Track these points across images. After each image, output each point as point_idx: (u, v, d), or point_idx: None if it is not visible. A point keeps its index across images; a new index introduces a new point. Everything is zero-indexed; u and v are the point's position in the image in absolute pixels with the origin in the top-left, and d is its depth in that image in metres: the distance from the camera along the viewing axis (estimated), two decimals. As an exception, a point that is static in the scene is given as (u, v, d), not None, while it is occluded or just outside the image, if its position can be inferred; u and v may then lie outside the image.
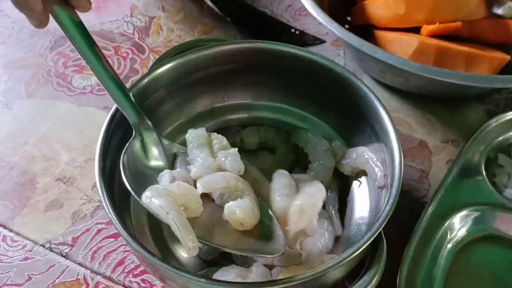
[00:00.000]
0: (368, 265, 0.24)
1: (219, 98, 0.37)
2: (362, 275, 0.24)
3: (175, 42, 0.45)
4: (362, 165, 0.33)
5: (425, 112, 0.40)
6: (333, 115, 0.35)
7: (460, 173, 0.34)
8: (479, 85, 0.34)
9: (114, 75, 0.29)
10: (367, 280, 0.23)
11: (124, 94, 0.29)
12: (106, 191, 0.27)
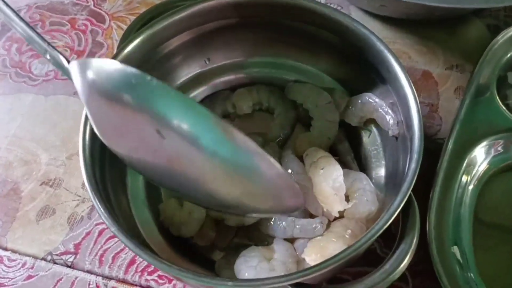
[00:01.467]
0: (401, 231, 0.23)
1: (200, 62, 0.33)
2: (398, 245, 0.22)
3: (136, 3, 0.40)
4: (371, 113, 0.30)
5: (423, 39, 0.37)
6: (329, 62, 0.32)
7: (472, 103, 0.31)
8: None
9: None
10: (405, 248, 0.22)
11: None
12: (98, 192, 0.24)
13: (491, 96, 0.32)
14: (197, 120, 0.21)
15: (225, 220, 0.28)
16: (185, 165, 0.23)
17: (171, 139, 0.21)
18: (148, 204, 0.29)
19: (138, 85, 0.21)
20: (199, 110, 0.21)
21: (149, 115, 0.21)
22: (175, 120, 0.21)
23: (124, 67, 0.21)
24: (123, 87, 0.21)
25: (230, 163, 0.22)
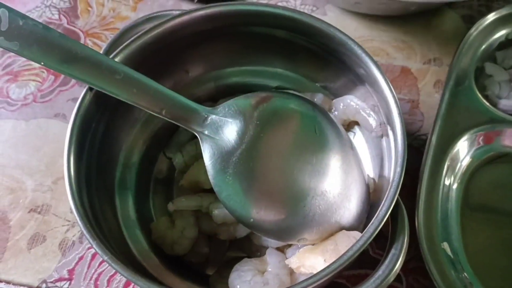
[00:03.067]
0: (391, 236, 0.23)
1: (180, 74, 0.33)
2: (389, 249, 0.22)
3: (110, 18, 0.40)
4: (353, 115, 0.30)
5: (399, 34, 0.37)
6: (309, 67, 0.32)
7: (452, 97, 0.32)
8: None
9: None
10: (396, 253, 0.22)
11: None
12: (87, 218, 0.24)
13: (470, 88, 0.33)
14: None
15: (218, 235, 0.28)
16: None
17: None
18: (139, 224, 0.29)
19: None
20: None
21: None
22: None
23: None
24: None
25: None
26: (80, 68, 0.25)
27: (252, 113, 0.26)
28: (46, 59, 0.24)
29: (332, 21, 0.38)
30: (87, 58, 0.25)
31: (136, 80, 0.25)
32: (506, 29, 0.35)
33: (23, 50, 0.24)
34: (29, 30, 0.24)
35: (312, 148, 0.26)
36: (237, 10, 0.29)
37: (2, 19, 0.24)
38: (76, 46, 0.25)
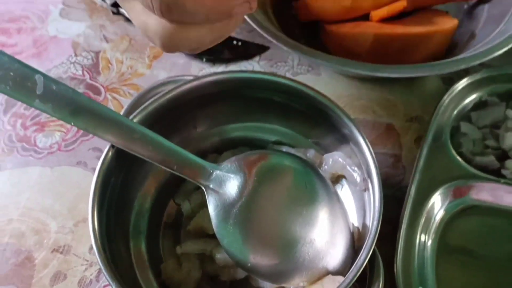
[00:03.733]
0: (369, 281, 0.27)
1: (189, 130, 0.37)
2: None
3: (128, 74, 0.45)
4: (341, 170, 0.34)
5: (385, 94, 0.42)
6: (302, 125, 0.36)
7: (429, 153, 0.36)
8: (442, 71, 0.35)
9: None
10: (371, 297, 0.26)
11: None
12: (107, 261, 0.28)
13: (445, 145, 0.37)
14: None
15: (219, 276, 0.32)
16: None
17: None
18: (150, 265, 0.33)
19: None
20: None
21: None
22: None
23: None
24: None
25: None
26: (104, 128, 0.29)
27: (251, 170, 0.30)
28: (75, 121, 0.29)
29: (325, 81, 0.43)
30: (111, 119, 0.29)
31: (151, 139, 0.30)
32: (480, 92, 0.39)
33: (55, 112, 0.28)
34: (61, 94, 0.28)
35: (303, 201, 0.30)
36: (240, 77, 0.34)
37: (38, 84, 0.28)
38: (101, 108, 0.29)
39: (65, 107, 0.28)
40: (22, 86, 0.27)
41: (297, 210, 0.30)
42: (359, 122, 0.41)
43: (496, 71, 0.39)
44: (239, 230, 0.29)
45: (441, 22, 0.39)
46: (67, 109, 0.28)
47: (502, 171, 0.36)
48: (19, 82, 0.27)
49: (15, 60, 0.28)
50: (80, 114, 0.28)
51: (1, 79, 0.27)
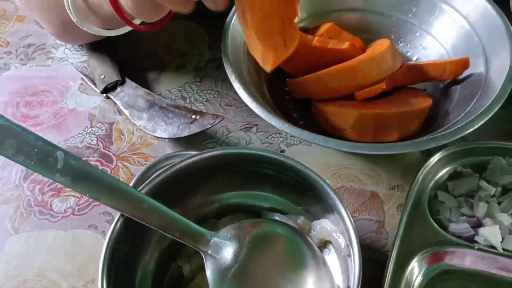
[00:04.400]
0: None
1: (192, 198, 0.41)
2: None
3: (138, 144, 0.49)
4: (327, 236, 0.38)
5: (370, 164, 0.46)
6: (293, 195, 0.40)
7: (409, 220, 0.39)
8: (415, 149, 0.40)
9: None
10: None
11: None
12: None
13: (424, 213, 0.40)
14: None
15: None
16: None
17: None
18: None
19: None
20: None
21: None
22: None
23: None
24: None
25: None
26: (115, 199, 0.33)
27: (245, 237, 0.34)
28: (90, 192, 0.33)
29: (316, 151, 0.47)
30: (121, 191, 0.33)
31: (157, 209, 0.34)
32: (455, 164, 0.43)
33: (72, 184, 0.33)
34: (79, 168, 0.33)
35: (292, 267, 0.34)
36: (236, 152, 0.39)
37: (59, 159, 0.33)
38: (113, 181, 0.33)
39: (82, 181, 0.32)
40: (44, 161, 0.32)
41: (286, 275, 0.33)
42: (346, 190, 0.44)
43: (469, 145, 0.43)
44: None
45: (417, 102, 0.44)
46: (83, 182, 0.32)
47: (476, 238, 0.39)
48: (42, 158, 0.32)
49: (40, 138, 0.32)
50: (95, 187, 0.33)
51: (27, 155, 0.32)
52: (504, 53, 0.43)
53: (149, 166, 0.39)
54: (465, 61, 0.45)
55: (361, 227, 0.42)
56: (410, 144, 0.38)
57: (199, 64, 0.56)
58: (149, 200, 0.34)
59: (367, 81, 0.44)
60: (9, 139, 0.32)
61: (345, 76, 0.44)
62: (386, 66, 0.45)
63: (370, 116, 0.42)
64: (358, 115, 0.42)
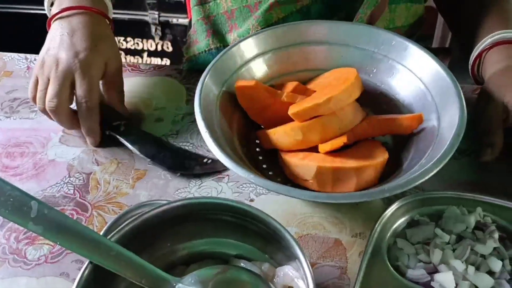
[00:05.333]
0: None
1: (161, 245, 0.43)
2: None
3: (113, 193, 0.51)
4: (290, 282, 0.39)
5: (334, 212, 0.48)
6: (259, 242, 0.42)
7: (368, 267, 0.41)
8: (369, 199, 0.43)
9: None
10: None
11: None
12: None
13: (383, 259, 0.42)
14: None
15: None
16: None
17: None
18: None
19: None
20: None
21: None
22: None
23: None
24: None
25: None
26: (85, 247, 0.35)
27: (208, 283, 0.36)
28: (60, 241, 0.35)
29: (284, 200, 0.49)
30: (91, 239, 0.35)
31: (124, 257, 0.35)
32: (413, 212, 0.46)
33: (45, 233, 0.34)
34: (51, 217, 0.35)
35: (254, 312, 0.35)
36: (204, 202, 0.41)
37: (33, 208, 0.35)
38: (84, 230, 0.35)
39: (53, 229, 0.34)
40: (19, 210, 0.34)
41: None
42: (311, 237, 0.47)
43: (426, 195, 0.46)
44: (197, 337, 0.33)
45: (374, 156, 0.47)
46: (54, 231, 0.34)
47: (432, 284, 0.41)
48: (17, 207, 0.34)
49: (16, 188, 0.34)
50: (66, 236, 0.34)
51: (2, 204, 0.34)
52: (453, 110, 0.47)
53: (120, 215, 0.41)
54: (419, 116, 0.49)
55: (324, 273, 0.44)
56: (365, 194, 0.41)
57: (176, 118, 0.59)
58: (118, 248, 0.35)
59: (329, 135, 0.48)
60: (-15, 190, 0.34)
61: (309, 130, 0.47)
62: (347, 121, 0.49)
63: (329, 170, 0.45)
64: (318, 168, 0.45)
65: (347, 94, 0.47)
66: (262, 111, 0.52)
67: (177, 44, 1.53)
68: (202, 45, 0.66)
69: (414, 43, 0.53)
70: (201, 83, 0.50)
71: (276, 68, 0.57)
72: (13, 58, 0.68)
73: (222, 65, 0.53)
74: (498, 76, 0.54)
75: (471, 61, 0.60)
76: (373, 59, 0.55)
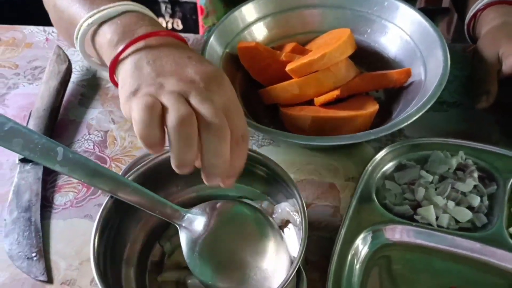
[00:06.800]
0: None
1: (172, 187, 0.48)
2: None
3: (129, 148, 0.56)
4: (287, 216, 0.44)
5: (330, 160, 0.53)
6: (260, 184, 0.46)
7: (358, 204, 0.46)
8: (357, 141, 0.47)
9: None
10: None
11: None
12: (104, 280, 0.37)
13: (371, 198, 0.47)
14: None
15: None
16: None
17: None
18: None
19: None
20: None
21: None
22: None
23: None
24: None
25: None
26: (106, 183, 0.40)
27: (213, 212, 0.41)
28: (84, 179, 0.40)
29: (284, 151, 0.54)
30: (111, 177, 0.40)
31: (140, 191, 0.40)
32: (400, 157, 0.50)
33: (70, 172, 0.39)
34: (75, 160, 0.40)
35: (253, 236, 0.40)
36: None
37: (59, 153, 0.40)
38: (104, 170, 0.40)
39: (78, 169, 0.39)
40: (47, 155, 0.39)
41: (248, 243, 0.40)
42: (308, 182, 0.51)
43: (412, 142, 0.51)
44: (203, 257, 0.39)
45: (365, 107, 0.51)
46: (79, 171, 0.39)
47: (415, 217, 0.46)
48: (45, 152, 0.39)
49: (43, 137, 0.39)
50: (89, 174, 0.39)
51: (31, 150, 0.39)
52: (438, 62, 0.50)
53: (135, 159, 0.46)
54: (407, 71, 0.53)
55: (319, 212, 0.49)
56: (353, 136, 0.46)
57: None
58: (134, 184, 0.41)
59: (324, 89, 0.52)
60: (16, 138, 0.39)
61: (305, 85, 0.52)
62: (341, 76, 0.53)
63: (323, 119, 0.50)
64: (312, 118, 0.50)
65: (340, 51, 0.51)
66: (263, 70, 0.57)
67: (187, 21, 1.57)
68: (220, 14, 0.70)
69: (404, 3, 0.57)
70: (206, 44, 0.54)
71: (275, 31, 0.61)
72: (33, 31, 0.73)
73: (225, 28, 0.58)
74: (493, 31, 0.57)
75: (467, 21, 0.63)
76: (367, 20, 0.59)
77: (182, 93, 0.34)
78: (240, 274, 0.38)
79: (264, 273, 0.39)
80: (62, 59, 0.63)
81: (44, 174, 0.53)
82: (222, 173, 0.35)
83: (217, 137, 0.33)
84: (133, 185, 0.40)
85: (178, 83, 0.35)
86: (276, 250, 0.40)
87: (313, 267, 0.43)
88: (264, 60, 0.56)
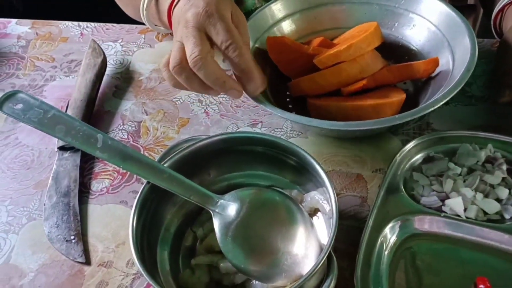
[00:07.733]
0: (326, 274, 0.37)
1: (204, 175, 0.49)
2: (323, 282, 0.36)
3: (161, 138, 0.58)
4: (316, 205, 0.45)
5: (357, 151, 0.54)
6: (289, 173, 0.48)
7: (386, 194, 0.47)
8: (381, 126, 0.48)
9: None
10: (327, 284, 0.36)
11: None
12: (146, 268, 0.39)
13: (398, 188, 0.47)
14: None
15: (223, 281, 0.43)
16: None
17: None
18: (171, 273, 0.44)
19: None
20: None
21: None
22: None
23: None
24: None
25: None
26: (143, 170, 0.42)
27: (246, 199, 0.42)
28: (123, 165, 0.42)
29: (311, 142, 0.55)
30: (148, 164, 0.42)
31: (175, 177, 0.42)
32: (429, 150, 0.51)
33: (110, 158, 0.42)
34: (114, 146, 0.42)
35: (284, 223, 0.42)
36: (243, 136, 0.47)
37: (99, 140, 0.42)
38: (142, 157, 0.42)
39: (117, 156, 0.41)
40: (87, 141, 0.41)
41: (279, 229, 0.41)
42: (335, 173, 0.52)
43: (440, 134, 0.51)
44: (235, 242, 0.40)
45: (391, 96, 0.52)
46: (118, 157, 0.41)
47: (443, 208, 0.46)
48: (86, 139, 0.41)
49: (84, 124, 0.41)
50: (127, 160, 0.41)
51: (73, 137, 0.41)
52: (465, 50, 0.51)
53: (170, 147, 0.48)
54: (435, 60, 0.53)
55: (347, 202, 0.50)
56: (378, 121, 0.46)
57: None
58: (169, 170, 0.42)
59: (350, 80, 0.53)
60: (59, 125, 0.41)
61: (332, 76, 0.53)
62: (367, 67, 0.54)
63: (349, 107, 0.50)
64: (339, 106, 0.50)
65: (367, 42, 0.52)
66: (291, 63, 0.58)
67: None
68: (249, 4, 0.71)
69: (429, -6, 0.57)
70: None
71: (304, 27, 0.62)
72: (68, 26, 0.76)
73: (255, 23, 0.59)
74: None
75: (493, 16, 0.63)
76: (394, 14, 0.60)
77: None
78: (271, 258, 0.40)
79: (294, 258, 0.40)
80: (97, 53, 0.65)
81: (82, 161, 0.56)
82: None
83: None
84: (169, 172, 0.42)
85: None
86: (306, 236, 0.41)
87: (342, 254, 0.44)
88: (292, 53, 0.57)
